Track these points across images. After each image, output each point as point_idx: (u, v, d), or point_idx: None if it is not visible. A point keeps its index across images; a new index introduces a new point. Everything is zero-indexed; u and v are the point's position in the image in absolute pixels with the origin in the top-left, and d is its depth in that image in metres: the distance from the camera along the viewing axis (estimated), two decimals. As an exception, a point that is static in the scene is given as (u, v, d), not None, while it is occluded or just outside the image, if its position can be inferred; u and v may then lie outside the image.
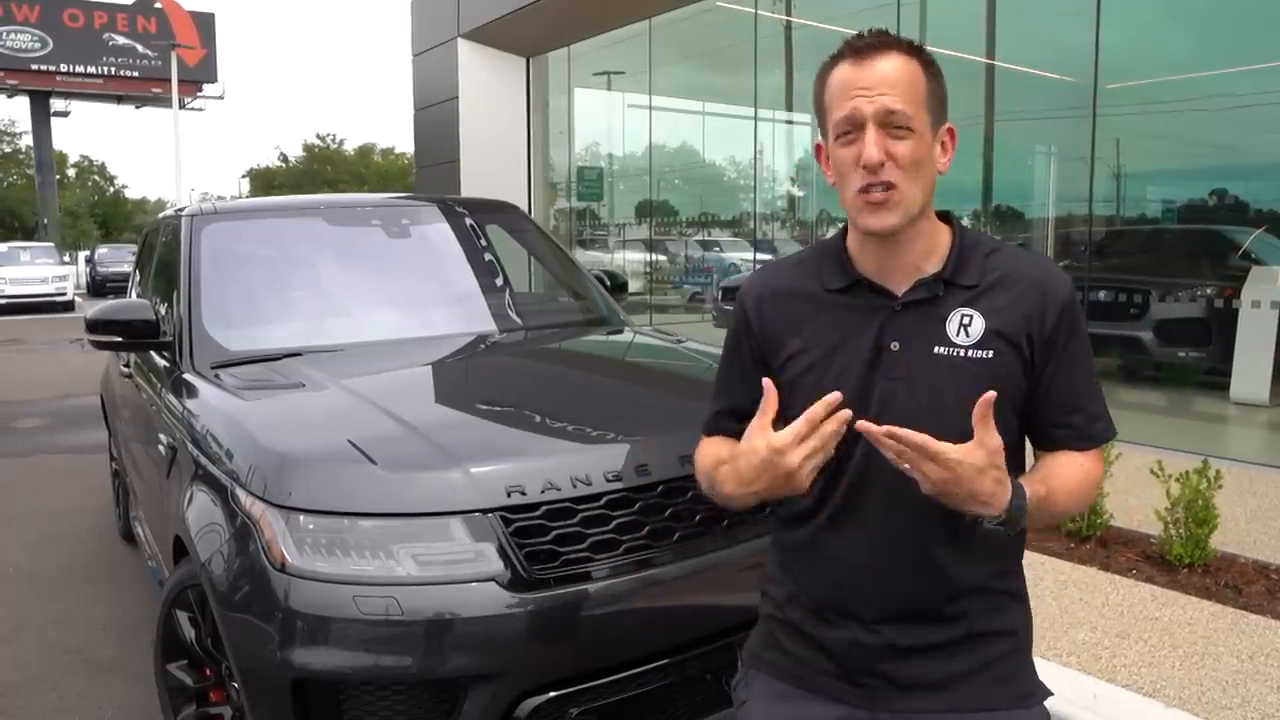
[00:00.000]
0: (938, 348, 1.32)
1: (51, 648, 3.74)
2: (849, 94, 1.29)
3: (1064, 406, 1.36)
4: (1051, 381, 1.35)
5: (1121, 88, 7.08)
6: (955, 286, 1.34)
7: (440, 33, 13.55)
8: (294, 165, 58.01)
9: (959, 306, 1.33)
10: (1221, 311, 6.65)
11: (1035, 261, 1.38)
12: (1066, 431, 1.37)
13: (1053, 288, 1.34)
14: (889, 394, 1.33)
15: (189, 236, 3.49)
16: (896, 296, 1.35)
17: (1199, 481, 3.84)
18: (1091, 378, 1.38)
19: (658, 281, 13.19)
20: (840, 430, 1.23)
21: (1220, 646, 3.23)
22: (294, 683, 2.06)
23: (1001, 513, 1.23)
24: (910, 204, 1.30)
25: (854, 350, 1.36)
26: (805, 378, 1.39)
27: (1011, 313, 1.33)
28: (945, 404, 1.30)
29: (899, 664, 1.36)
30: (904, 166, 1.28)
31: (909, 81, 1.29)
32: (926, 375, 1.32)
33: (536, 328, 3.70)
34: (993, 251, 1.38)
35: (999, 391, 1.24)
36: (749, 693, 1.50)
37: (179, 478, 2.73)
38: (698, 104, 13.04)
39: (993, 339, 1.32)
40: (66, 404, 9.39)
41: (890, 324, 1.35)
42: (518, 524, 2.12)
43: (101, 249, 32.50)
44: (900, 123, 1.27)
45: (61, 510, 5.63)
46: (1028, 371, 1.34)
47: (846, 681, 1.40)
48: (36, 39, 35.88)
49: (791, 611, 1.46)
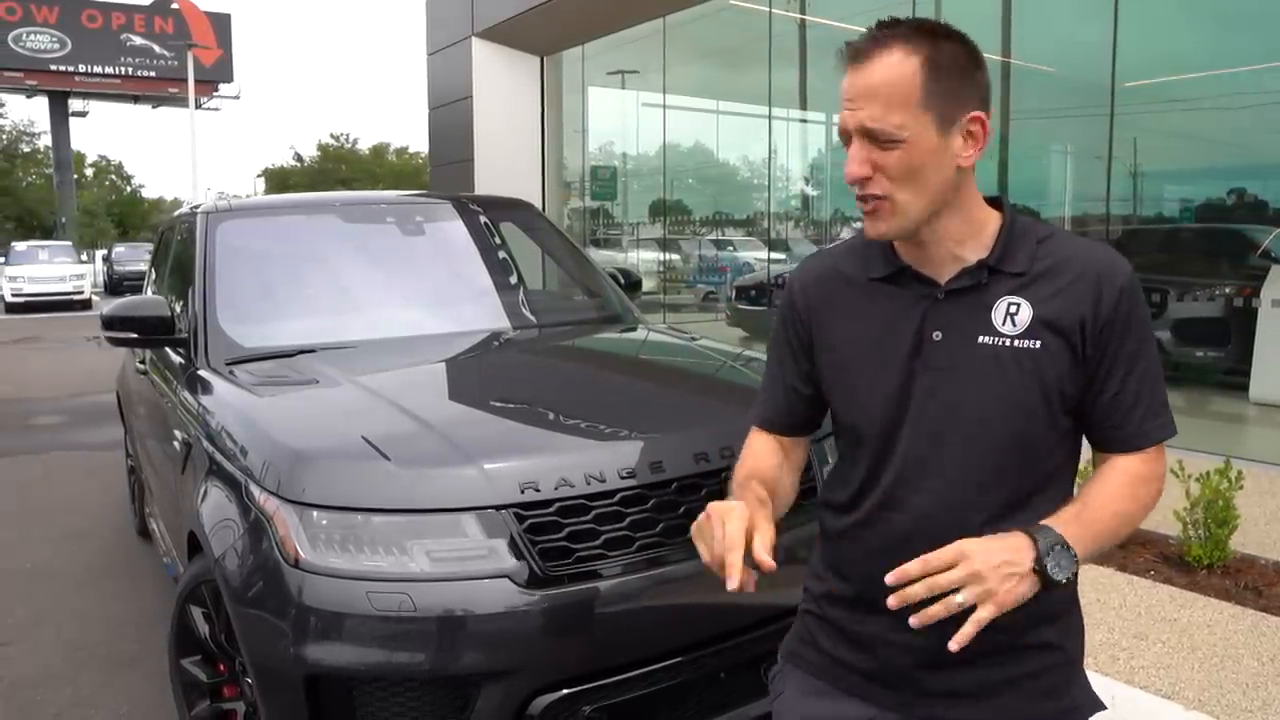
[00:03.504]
0: (982, 337, 1.27)
1: (68, 643, 3.76)
2: (842, 102, 1.25)
3: (1118, 403, 1.27)
4: (1106, 376, 1.26)
5: (1139, 86, 7.02)
6: (1002, 274, 1.28)
7: (455, 32, 13.57)
8: (309, 165, 58.24)
9: (1006, 294, 1.27)
10: (1241, 311, 6.58)
11: (1092, 248, 1.29)
12: (1119, 431, 1.29)
13: (1109, 276, 1.26)
14: (931, 385, 1.28)
15: (204, 234, 3.50)
16: (940, 285, 1.30)
17: (1219, 481, 3.80)
18: (1151, 372, 1.28)
19: (671, 281, 13.18)
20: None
21: (1240, 648, 3.19)
22: (307, 678, 2.06)
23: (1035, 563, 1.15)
24: (907, 212, 1.25)
25: (897, 340, 1.31)
26: (841, 373, 1.37)
27: (1062, 301, 1.25)
28: (989, 396, 1.26)
29: (943, 669, 1.30)
30: (894, 178, 1.23)
31: (901, 85, 1.20)
32: (970, 366, 1.27)
33: (550, 325, 3.70)
34: (1046, 237, 1.31)
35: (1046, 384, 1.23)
36: (785, 685, 1.48)
37: (193, 474, 2.74)
38: (711, 103, 13.01)
39: (1040, 328, 1.25)
40: (83, 401, 9.45)
41: (933, 313, 1.30)
42: (531, 521, 2.11)
43: (118, 248, 32.72)
44: (884, 136, 1.21)
45: (78, 507, 5.67)
46: (1078, 364, 1.26)
47: (879, 683, 1.36)
48: (55, 40, 36.18)
49: (829, 609, 1.43)
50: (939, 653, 1.21)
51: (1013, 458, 1.27)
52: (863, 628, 1.37)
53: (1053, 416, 1.26)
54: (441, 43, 14.06)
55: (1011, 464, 1.27)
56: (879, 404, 1.32)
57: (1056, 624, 1.33)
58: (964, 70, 1.25)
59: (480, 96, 13.29)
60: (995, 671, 1.30)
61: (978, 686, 1.31)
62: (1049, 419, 1.26)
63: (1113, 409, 1.28)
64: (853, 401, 1.37)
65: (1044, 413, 1.26)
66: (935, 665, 1.29)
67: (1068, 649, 1.35)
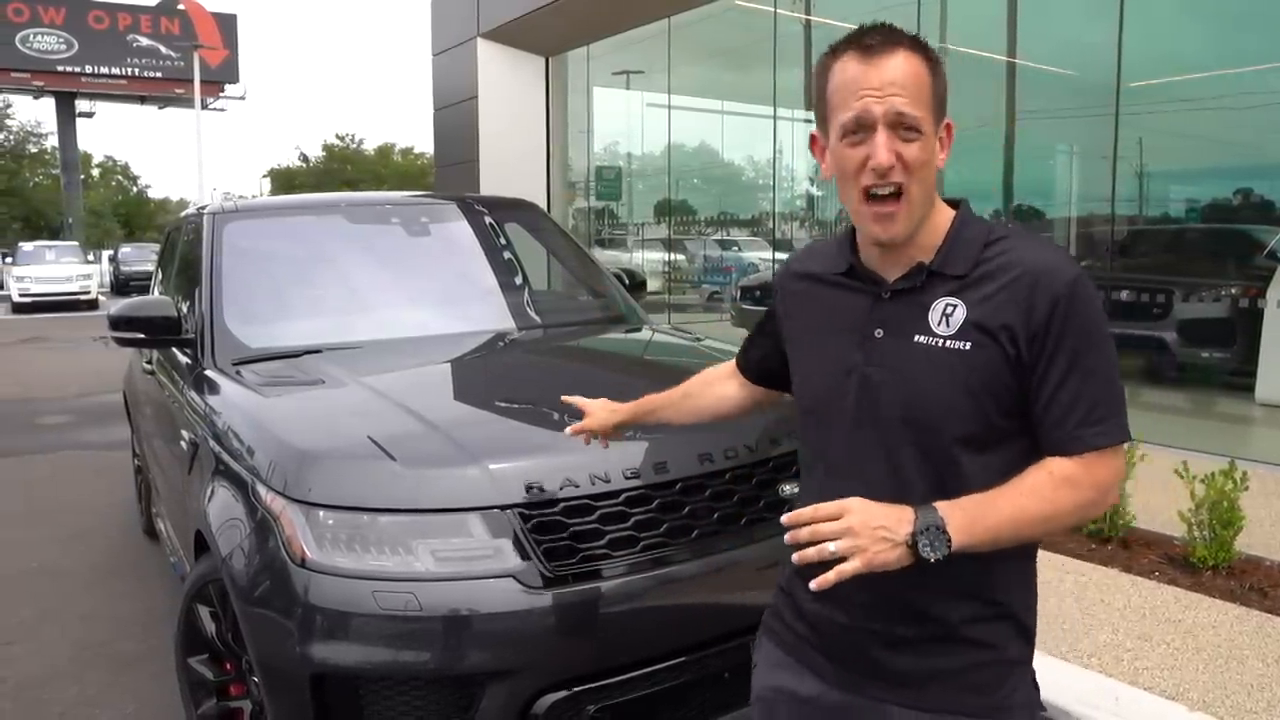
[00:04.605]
0: (918, 336, 1.32)
1: (75, 642, 3.78)
2: (857, 94, 1.27)
3: (1056, 407, 1.27)
4: (1042, 379, 1.27)
5: (1145, 86, 7.00)
6: (943, 276, 1.32)
7: (460, 32, 13.59)
8: (314, 165, 58.30)
9: (945, 296, 1.31)
10: (1246, 312, 6.56)
11: (1040, 252, 1.30)
12: (1053, 434, 1.28)
13: (1047, 280, 1.26)
14: (869, 380, 1.35)
15: (211, 234, 3.51)
16: (887, 283, 1.36)
17: (1225, 483, 3.80)
18: (1096, 378, 1.27)
19: (676, 281, 13.18)
20: None
21: (1245, 650, 3.19)
22: (313, 677, 2.07)
23: (909, 538, 1.19)
24: (916, 209, 1.30)
25: (844, 334, 1.39)
26: (799, 356, 1.49)
27: (994, 304, 1.28)
28: (921, 393, 1.30)
29: (878, 651, 1.37)
30: (912, 169, 1.27)
31: (917, 82, 1.27)
32: (906, 364, 1.32)
33: (555, 325, 3.70)
34: (996, 240, 1.33)
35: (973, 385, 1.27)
36: (759, 656, 1.57)
37: (200, 473, 2.75)
38: (716, 103, 13.00)
39: (972, 330, 1.28)
40: (90, 401, 9.48)
41: (878, 311, 1.36)
42: (536, 521, 2.12)
43: (125, 248, 32.81)
44: (909, 124, 1.26)
45: (85, 506, 5.69)
46: (1013, 366, 1.27)
47: (828, 658, 1.43)
48: (62, 41, 36.32)
49: (793, 583, 1.49)
50: (874, 634, 1.36)
51: (944, 454, 1.30)
52: (815, 607, 1.43)
53: (985, 416, 1.29)
54: (447, 43, 14.08)
55: (938, 459, 1.31)
56: (823, 393, 1.41)
57: (995, 625, 1.36)
58: (945, 81, 1.33)
59: (485, 97, 13.31)
60: (927, 661, 1.35)
61: (913, 673, 1.36)
62: (982, 420, 1.29)
63: (1048, 413, 1.28)
64: (804, 387, 1.48)
65: (974, 412, 1.29)
66: (874, 649, 1.37)
67: (1004, 649, 1.37)
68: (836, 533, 1.19)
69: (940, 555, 1.20)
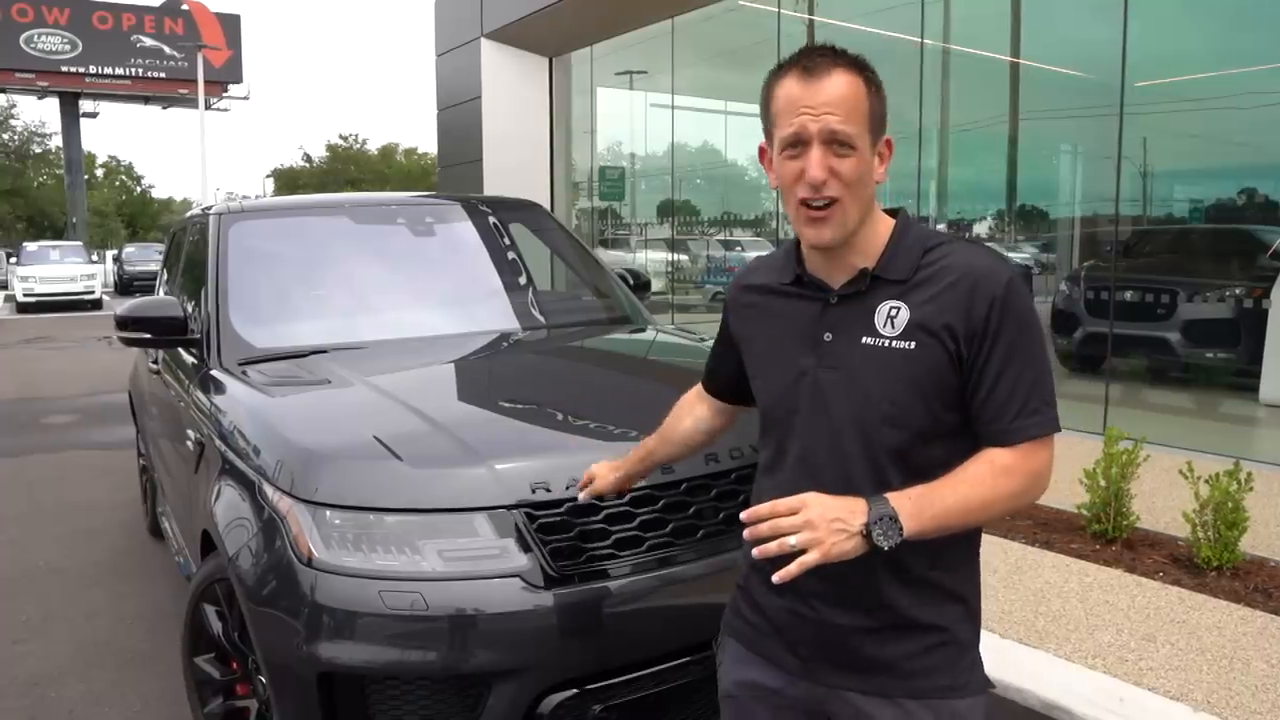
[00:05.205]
0: (865, 338, 1.39)
1: (81, 641, 3.79)
2: (795, 110, 1.35)
3: (994, 401, 1.35)
4: (980, 376, 1.35)
5: (1149, 85, 7.00)
6: (885, 281, 1.40)
7: (464, 33, 13.60)
8: (317, 165, 58.32)
9: (888, 299, 1.39)
10: (1251, 312, 6.56)
11: (975, 256, 1.39)
12: (992, 426, 1.36)
13: (984, 280, 1.35)
14: (821, 381, 1.42)
15: (217, 235, 3.52)
16: (834, 290, 1.43)
17: (1229, 483, 3.80)
18: (1030, 372, 1.35)
19: (679, 281, 13.19)
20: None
21: (1249, 650, 3.19)
22: (320, 676, 2.08)
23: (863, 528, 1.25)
24: (848, 219, 1.37)
25: (795, 340, 1.46)
26: (757, 364, 1.55)
27: (936, 306, 1.36)
28: (869, 391, 1.38)
29: (835, 641, 1.44)
30: (847, 183, 1.35)
31: (854, 102, 1.34)
32: (855, 364, 1.39)
33: (559, 326, 3.71)
34: (934, 246, 1.41)
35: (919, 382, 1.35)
36: (723, 656, 1.63)
37: (207, 473, 2.76)
38: (720, 103, 13.02)
39: (916, 330, 1.36)
40: (95, 400, 9.50)
41: (826, 316, 1.43)
42: (542, 520, 2.13)
43: (128, 248, 32.87)
44: (843, 140, 1.33)
45: (90, 505, 5.71)
46: (954, 364, 1.36)
47: (789, 651, 1.49)
48: (66, 41, 36.36)
49: (750, 580, 1.56)
50: (831, 625, 1.43)
51: (892, 449, 1.38)
52: (773, 601, 1.49)
53: (931, 412, 1.37)
54: (450, 43, 14.10)
55: (891, 455, 1.38)
56: (780, 396, 1.48)
57: (945, 608, 1.44)
58: (884, 101, 1.40)
59: (489, 97, 13.33)
60: (884, 648, 1.42)
61: (871, 660, 1.43)
62: (928, 415, 1.37)
63: (986, 407, 1.36)
64: (762, 392, 1.54)
65: (920, 408, 1.37)
66: (831, 639, 1.44)
67: (956, 631, 1.45)
68: (795, 526, 1.25)
69: (893, 543, 1.26)
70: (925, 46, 8.29)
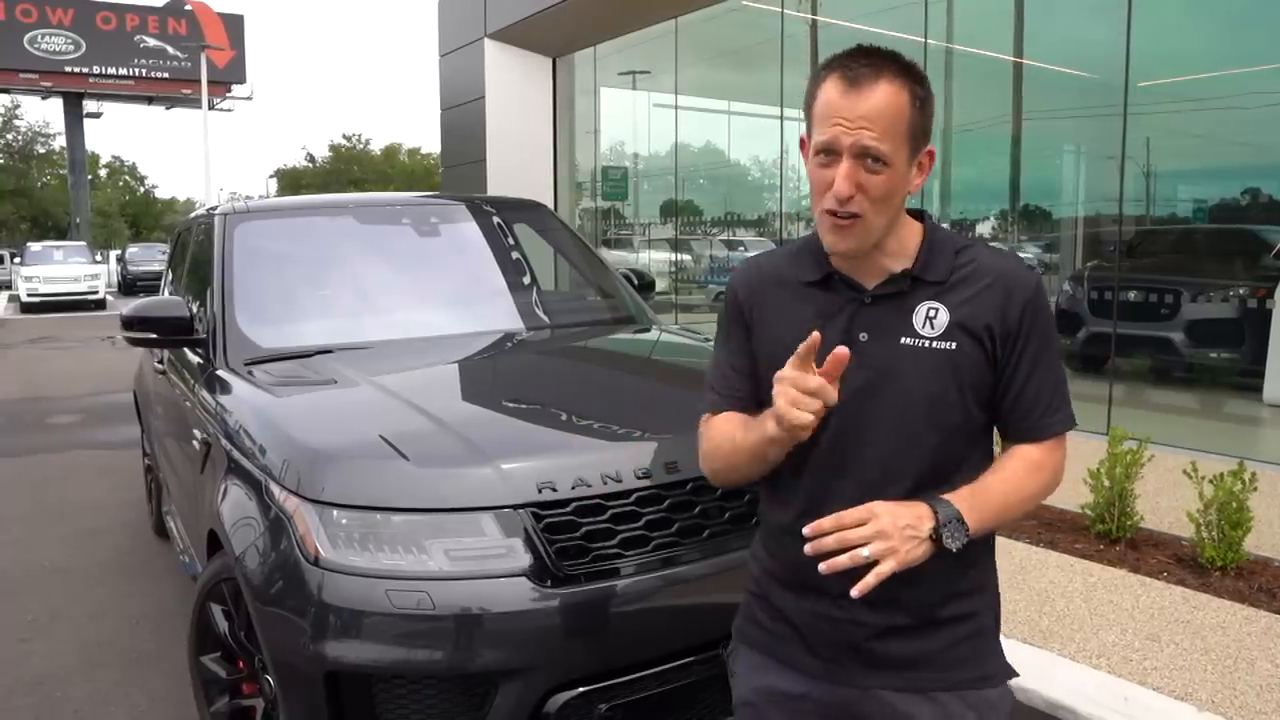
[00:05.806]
0: (904, 338, 1.38)
1: (86, 640, 3.80)
2: (831, 119, 1.32)
3: (1025, 400, 1.40)
4: (1013, 375, 1.39)
5: (1153, 85, 7.00)
6: (923, 282, 1.40)
7: (467, 33, 13.62)
8: (321, 165, 58.35)
9: (926, 300, 1.39)
10: (1255, 312, 6.55)
11: (1003, 258, 1.44)
12: (1022, 424, 1.41)
13: (1017, 284, 1.39)
14: (858, 383, 1.37)
15: (222, 235, 3.53)
16: (867, 290, 1.41)
17: (1233, 483, 3.80)
18: (1053, 372, 1.41)
19: (683, 281, 13.19)
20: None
21: (1253, 650, 3.19)
22: (327, 676, 2.08)
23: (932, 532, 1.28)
24: (871, 232, 1.36)
25: (826, 340, 1.36)
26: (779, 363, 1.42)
27: (974, 306, 1.38)
28: (909, 392, 1.37)
29: (865, 641, 1.42)
30: (873, 199, 1.33)
31: (893, 116, 1.31)
32: (893, 365, 1.38)
33: (563, 326, 3.72)
34: (963, 249, 1.44)
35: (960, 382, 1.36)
36: (737, 664, 1.60)
37: (213, 473, 2.77)
38: (723, 103, 13.01)
39: (956, 331, 1.37)
40: (99, 400, 9.52)
41: (860, 316, 1.41)
42: (548, 520, 2.14)
43: (132, 248, 32.92)
44: (875, 155, 1.31)
45: (95, 505, 5.72)
46: (989, 363, 1.39)
47: (812, 655, 1.47)
48: (70, 41, 36.39)
49: (766, 586, 1.53)
50: (863, 625, 1.40)
51: (929, 448, 1.38)
52: (796, 605, 1.47)
53: (967, 410, 1.39)
54: (454, 44, 14.12)
55: (927, 454, 1.38)
56: None
57: (973, 598, 1.46)
58: (932, 110, 1.38)
59: (492, 97, 13.34)
60: (915, 644, 1.42)
61: (904, 657, 1.42)
62: (964, 413, 1.39)
63: (1017, 405, 1.41)
64: None
65: (960, 407, 1.38)
66: (861, 639, 1.42)
67: (983, 619, 1.47)
68: (867, 537, 1.25)
69: (960, 544, 1.29)
70: (928, 46, 8.29)
